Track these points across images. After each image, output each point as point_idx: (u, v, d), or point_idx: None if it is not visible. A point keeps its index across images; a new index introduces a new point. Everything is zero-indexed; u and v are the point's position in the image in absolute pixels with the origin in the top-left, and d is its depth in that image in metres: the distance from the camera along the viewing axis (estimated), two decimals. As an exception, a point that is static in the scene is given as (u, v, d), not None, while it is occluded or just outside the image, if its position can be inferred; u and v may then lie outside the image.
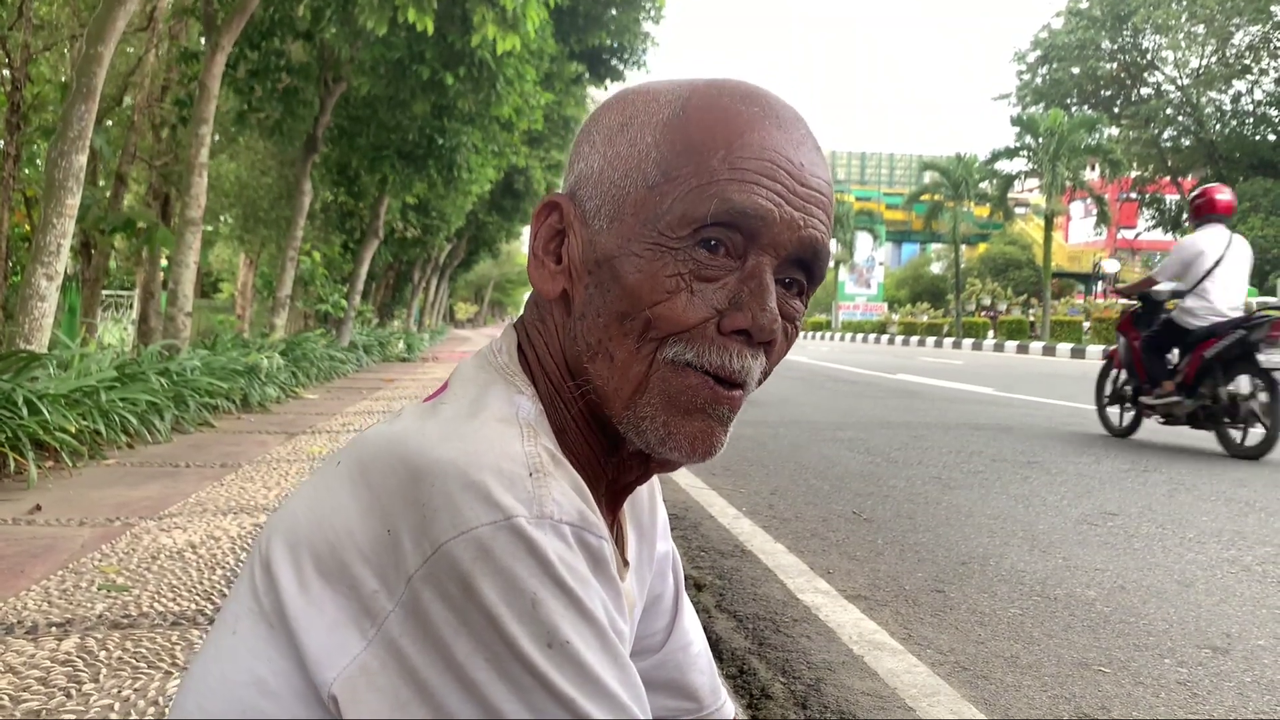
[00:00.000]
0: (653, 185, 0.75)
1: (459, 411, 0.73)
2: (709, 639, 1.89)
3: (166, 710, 2.06)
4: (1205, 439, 7.51)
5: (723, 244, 0.74)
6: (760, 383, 0.80)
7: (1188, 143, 45.28)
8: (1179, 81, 46.12)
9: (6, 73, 10.18)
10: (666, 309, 0.74)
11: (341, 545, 0.65)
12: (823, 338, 54.30)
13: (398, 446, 0.68)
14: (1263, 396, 6.69)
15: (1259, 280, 35.14)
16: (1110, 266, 10.80)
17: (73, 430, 5.15)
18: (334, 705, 0.63)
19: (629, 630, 0.83)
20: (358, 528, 0.65)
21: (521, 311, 0.88)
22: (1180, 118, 45.39)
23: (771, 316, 0.75)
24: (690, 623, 1.10)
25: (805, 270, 0.79)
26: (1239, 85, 43.69)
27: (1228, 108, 44.70)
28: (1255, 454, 6.73)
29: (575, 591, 0.62)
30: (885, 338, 47.13)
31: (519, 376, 0.79)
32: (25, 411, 4.85)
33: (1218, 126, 44.32)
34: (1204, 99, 44.56)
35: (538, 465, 0.66)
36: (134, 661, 2.35)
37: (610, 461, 0.82)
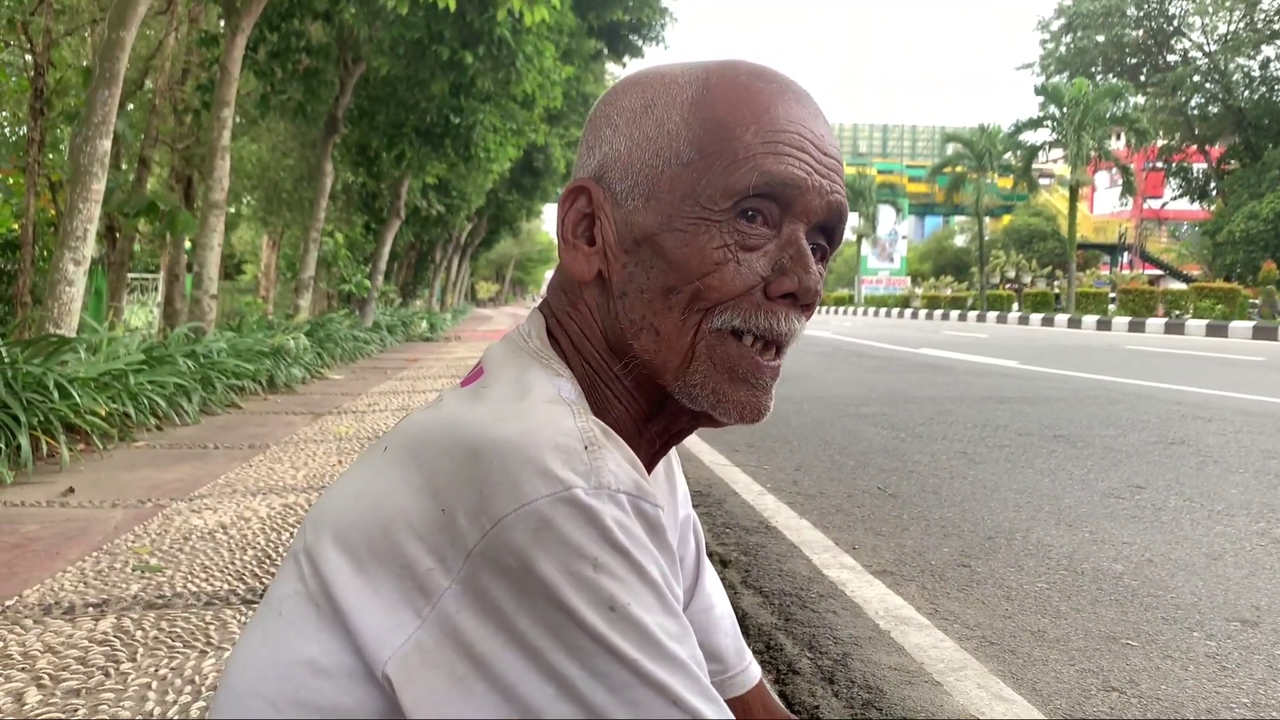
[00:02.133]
0: (687, 162, 0.78)
1: (505, 394, 0.75)
2: (735, 615, 1.91)
3: (203, 689, 2.10)
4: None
5: (760, 214, 0.77)
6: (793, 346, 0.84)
7: (1215, 110, 44.61)
8: (1206, 47, 45.43)
9: (29, 58, 10.23)
10: (716, 279, 0.77)
11: (394, 526, 0.66)
12: (846, 312, 54.08)
13: (450, 429, 0.69)
14: None
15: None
16: None
17: (103, 413, 5.21)
18: (389, 684, 0.63)
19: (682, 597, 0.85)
20: (411, 508, 0.66)
21: (544, 294, 0.89)
22: (1208, 84, 44.71)
23: (816, 279, 0.79)
24: (712, 586, 1.12)
25: (827, 235, 0.83)
26: (1268, 50, 42.98)
27: (1256, 73, 43.99)
28: None
29: (635, 557, 0.63)
30: (908, 312, 46.91)
31: (555, 360, 0.81)
32: (56, 395, 4.91)
33: (1246, 93, 43.63)
34: (1232, 65, 43.85)
35: (592, 439, 0.67)
36: (170, 641, 2.39)
37: (656, 422, 0.85)
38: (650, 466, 0.90)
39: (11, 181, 11.37)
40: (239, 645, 0.75)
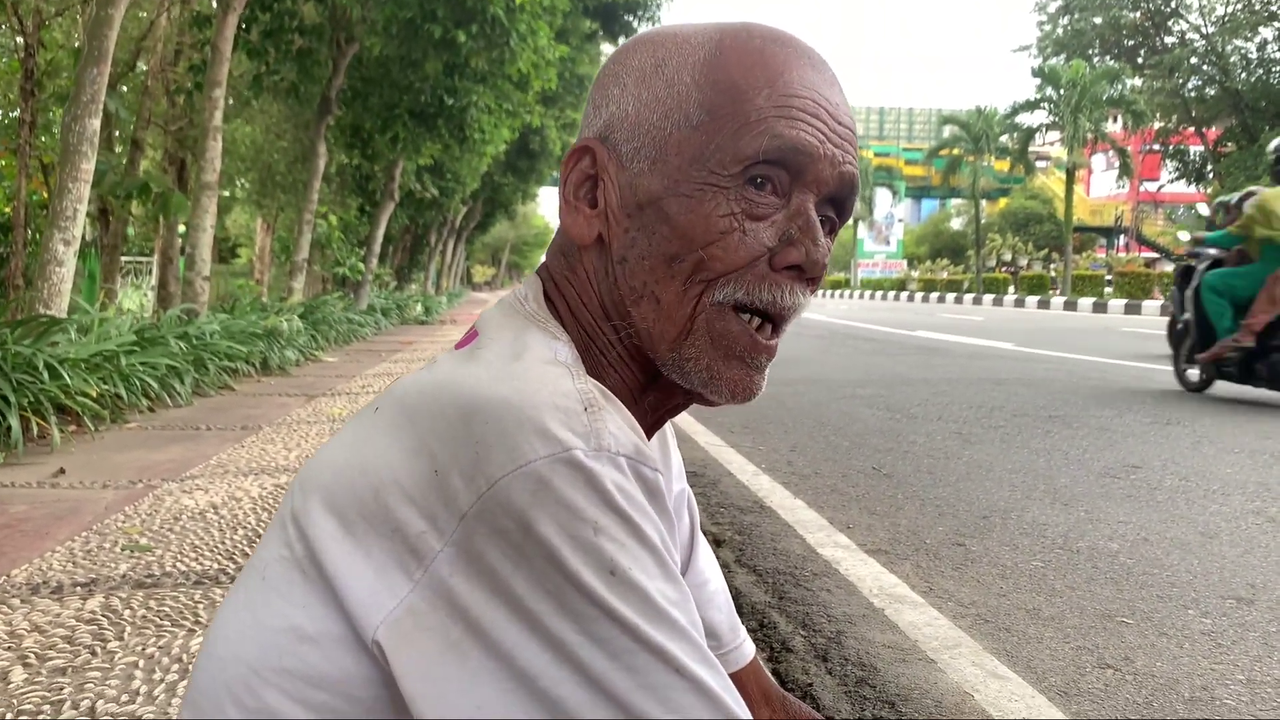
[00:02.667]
0: (696, 125, 0.75)
1: (502, 354, 0.72)
2: (730, 593, 1.89)
3: (191, 668, 2.08)
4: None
5: (769, 181, 0.75)
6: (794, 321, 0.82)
7: (1212, 92, 44.48)
8: (1204, 29, 45.29)
9: (20, 39, 10.15)
10: (720, 249, 0.75)
11: (385, 489, 0.64)
12: (842, 295, 54.09)
13: (444, 389, 0.67)
14: None
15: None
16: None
17: (94, 394, 5.18)
18: (379, 650, 0.61)
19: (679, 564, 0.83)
20: (402, 470, 0.64)
21: (544, 259, 0.87)
22: (1205, 67, 44.57)
23: (823, 251, 0.77)
24: (706, 561, 1.10)
25: (837, 208, 0.81)
26: (1266, 32, 42.83)
27: (1254, 56, 43.85)
28: None
29: (635, 520, 0.61)
30: (905, 295, 46.92)
31: (551, 323, 0.79)
32: (46, 376, 4.88)
33: (1243, 75, 43.50)
34: (1229, 47, 43.72)
35: (591, 400, 0.65)
36: (157, 620, 2.37)
37: (650, 394, 0.83)
38: (647, 438, 0.88)
39: (3, 163, 11.30)
40: (221, 611, 0.73)
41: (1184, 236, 7.89)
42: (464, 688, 0.58)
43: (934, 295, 43.42)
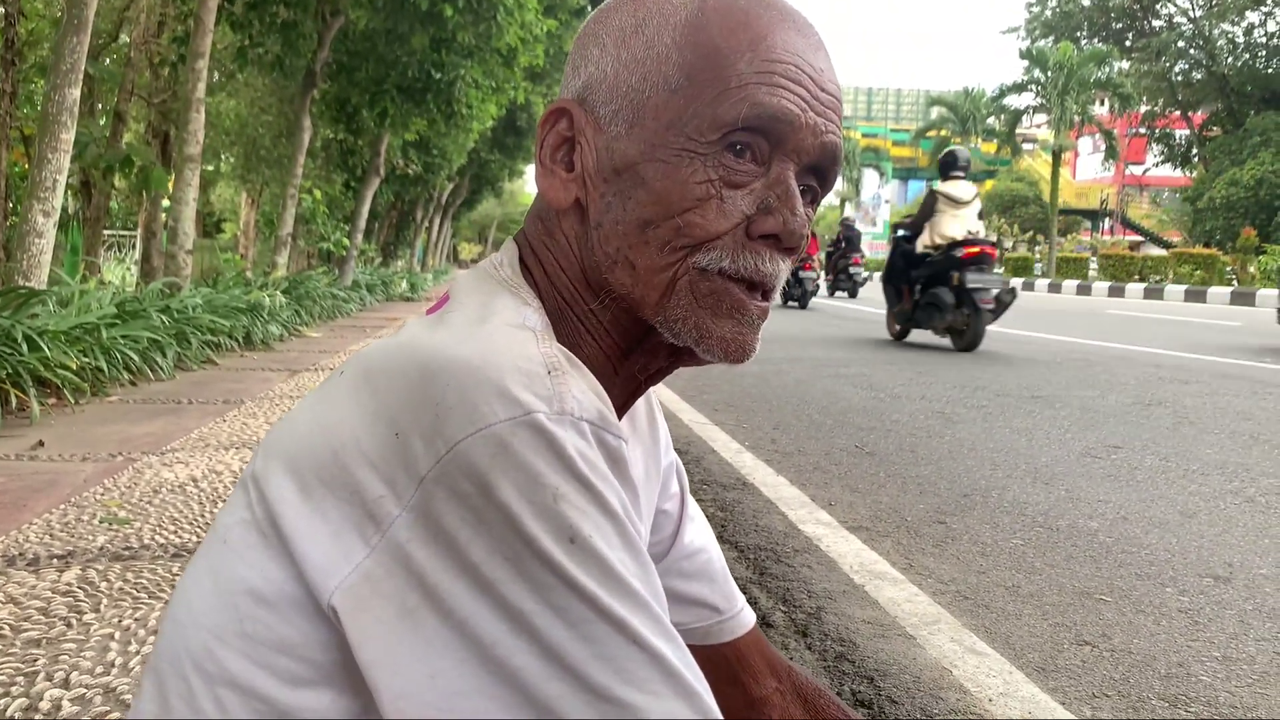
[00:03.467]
0: (675, 89, 0.74)
1: (468, 318, 0.71)
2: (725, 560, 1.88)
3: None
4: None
5: (749, 149, 0.74)
6: (779, 290, 0.80)
7: (1199, 76, 44.61)
8: (1191, 13, 45.37)
9: (0, 9, 10.02)
10: (697, 216, 0.73)
11: (345, 451, 0.62)
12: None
13: (405, 351, 0.65)
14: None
15: (1267, 218, 34.91)
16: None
17: (74, 367, 5.14)
18: (334, 615, 0.60)
19: (645, 535, 0.82)
20: (363, 433, 0.62)
21: (523, 225, 0.85)
22: (1192, 50, 44.66)
23: (802, 221, 0.75)
24: (699, 530, 1.09)
25: (820, 177, 0.79)
26: (1252, 16, 42.93)
27: (1240, 40, 43.97)
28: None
29: (596, 487, 0.60)
30: (891, 275, 46.97)
31: (524, 289, 0.77)
32: (25, 348, 4.83)
33: (1230, 59, 43.62)
34: (1216, 31, 43.81)
35: (555, 364, 0.64)
36: (134, 592, 2.36)
37: (632, 359, 0.81)
38: (627, 405, 0.87)
39: (-18, 134, 11.16)
40: (184, 576, 0.72)
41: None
42: (419, 655, 0.57)
43: (920, 276, 43.45)
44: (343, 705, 0.63)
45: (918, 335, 10.62)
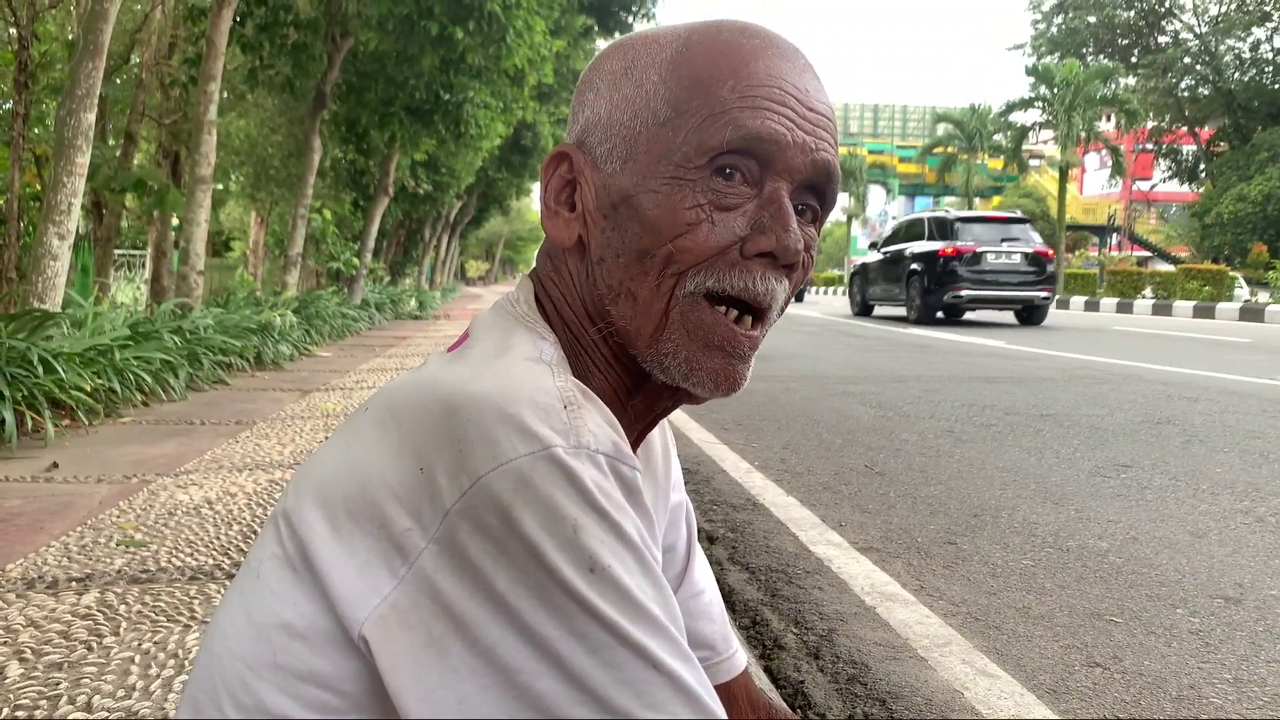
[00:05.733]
0: (664, 122, 0.77)
1: (486, 353, 0.74)
2: (721, 591, 1.90)
3: (186, 663, 2.09)
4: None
5: (738, 171, 0.76)
6: (781, 311, 0.82)
7: (1205, 92, 44.63)
8: (1197, 29, 45.40)
9: (13, 31, 10.12)
10: (689, 240, 0.75)
11: (372, 486, 0.65)
12: (835, 292, 54.04)
13: (428, 388, 0.68)
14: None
15: (1276, 233, 34.84)
16: None
17: (88, 389, 5.18)
18: (365, 646, 0.63)
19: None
20: (389, 468, 0.65)
21: (534, 264, 0.88)
22: (1198, 66, 44.70)
23: (796, 237, 0.76)
24: (701, 572, 1.11)
25: (818, 196, 0.81)
26: (1259, 32, 42.98)
27: (1247, 55, 44.00)
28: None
29: (614, 517, 0.62)
30: (898, 292, 46.87)
31: (540, 324, 0.80)
32: (40, 370, 4.88)
33: (1236, 75, 43.65)
34: (1223, 47, 43.86)
35: (571, 398, 0.67)
36: (153, 615, 2.38)
37: (636, 398, 0.83)
38: (641, 437, 0.89)
39: (-5, 156, 11.25)
40: (219, 609, 0.74)
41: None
42: (446, 682, 0.60)
43: (927, 293, 43.40)
44: None
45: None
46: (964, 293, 16.41)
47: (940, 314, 17.52)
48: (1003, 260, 16.59)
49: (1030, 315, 17.26)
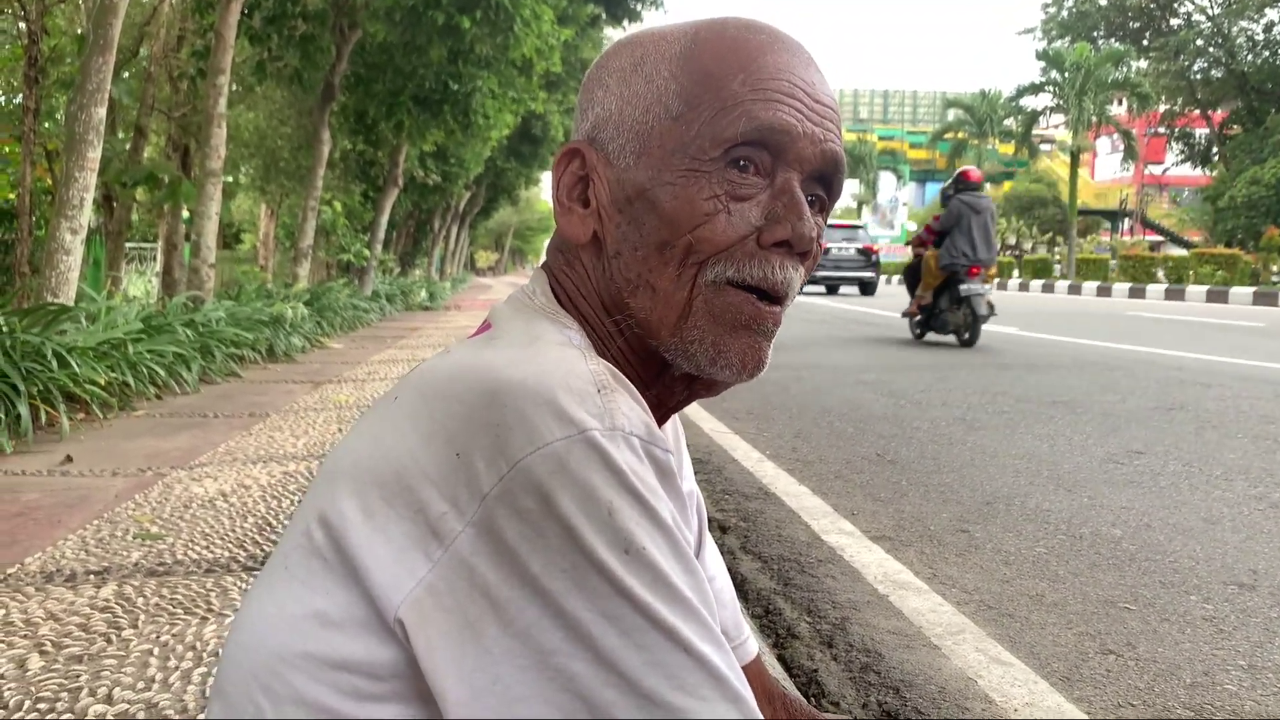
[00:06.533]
0: (676, 116, 0.78)
1: (515, 340, 0.75)
2: (734, 580, 1.91)
3: (205, 655, 2.11)
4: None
5: (752, 163, 0.77)
6: (793, 297, 0.83)
7: (1218, 74, 44.26)
8: (1209, 11, 45.02)
9: (23, 26, 10.14)
10: (707, 230, 0.76)
11: (406, 471, 0.66)
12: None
13: (460, 374, 0.69)
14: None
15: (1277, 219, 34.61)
16: None
17: (102, 382, 5.21)
18: (400, 629, 0.63)
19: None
20: (423, 453, 0.66)
21: (544, 258, 0.89)
22: (1211, 49, 44.34)
23: (810, 226, 0.78)
24: (712, 560, 1.12)
25: (826, 186, 0.83)
26: (1271, 13, 42.58)
27: (1260, 37, 43.61)
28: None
29: (648, 500, 0.63)
30: (909, 279, 46.82)
31: (561, 314, 0.81)
32: (55, 364, 4.91)
33: (1249, 57, 43.27)
34: (1235, 29, 43.47)
35: (604, 381, 0.67)
36: (170, 608, 2.40)
37: (651, 391, 0.84)
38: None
39: (7, 150, 11.29)
40: (245, 604, 0.75)
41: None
42: (481, 664, 0.61)
43: (938, 279, 43.25)
44: (408, 719, 0.66)
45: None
46: (819, 274, 24.49)
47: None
48: (844, 253, 25.26)
49: (864, 289, 25.59)
